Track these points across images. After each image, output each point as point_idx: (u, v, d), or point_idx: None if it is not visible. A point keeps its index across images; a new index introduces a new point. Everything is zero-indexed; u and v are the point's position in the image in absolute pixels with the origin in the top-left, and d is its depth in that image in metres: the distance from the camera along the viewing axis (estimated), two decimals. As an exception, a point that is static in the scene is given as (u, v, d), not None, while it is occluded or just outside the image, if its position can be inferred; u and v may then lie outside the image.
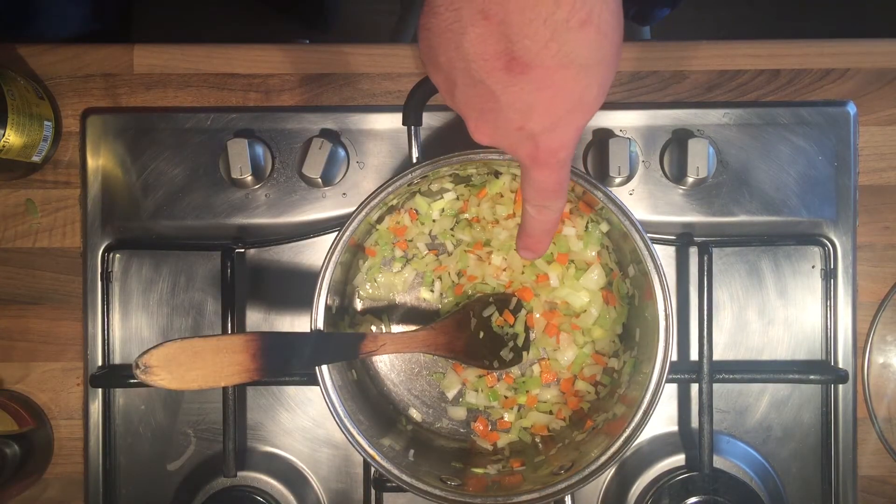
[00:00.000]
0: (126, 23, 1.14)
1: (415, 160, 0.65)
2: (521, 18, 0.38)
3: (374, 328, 0.73)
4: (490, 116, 0.44)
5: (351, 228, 0.62)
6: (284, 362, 0.58)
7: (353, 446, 0.62)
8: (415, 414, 0.74)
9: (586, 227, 0.69)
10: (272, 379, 0.73)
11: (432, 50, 0.43)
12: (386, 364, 0.75)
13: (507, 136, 0.45)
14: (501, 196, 0.71)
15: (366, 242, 0.72)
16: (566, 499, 0.62)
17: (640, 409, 0.60)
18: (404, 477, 0.61)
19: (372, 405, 0.70)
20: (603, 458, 0.60)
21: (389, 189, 0.62)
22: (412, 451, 0.67)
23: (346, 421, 0.62)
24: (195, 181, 0.74)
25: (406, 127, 0.65)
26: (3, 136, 0.67)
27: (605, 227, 0.68)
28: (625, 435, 0.61)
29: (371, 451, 0.61)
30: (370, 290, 0.73)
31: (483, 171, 0.69)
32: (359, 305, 0.74)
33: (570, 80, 0.41)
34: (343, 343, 0.63)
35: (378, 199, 0.62)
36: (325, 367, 0.62)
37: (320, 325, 0.62)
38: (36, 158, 0.73)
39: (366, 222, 0.64)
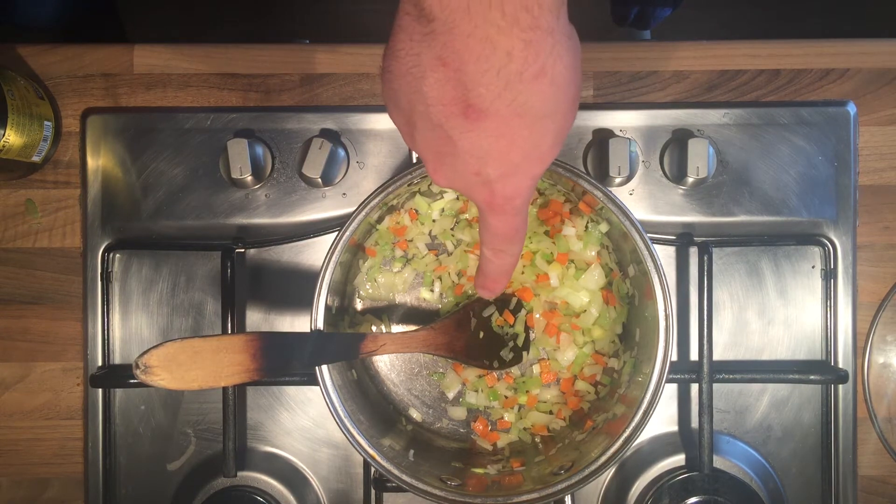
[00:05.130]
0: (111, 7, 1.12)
1: (415, 160, 0.65)
2: (476, 68, 0.39)
3: (374, 328, 0.73)
4: (448, 160, 0.44)
5: (351, 228, 0.62)
6: (284, 362, 0.58)
7: (353, 446, 0.62)
8: (415, 414, 0.74)
9: (586, 227, 0.69)
10: (272, 379, 0.73)
11: (393, 92, 0.44)
12: (386, 364, 0.75)
13: (465, 180, 0.45)
14: (501, 196, 0.71)
15: (366, 242, 0.72)
16: (566, 499, 0.62)
17: (640, 409, 0.61)
18: (404, 477, 0.61)
19: (372, 405, 0.70)
20: (603, 458, 0.60)
21: (389, 189, 0.62)
22: (412, 451, 0.67)
23: (346, 421, 0.62)
24: (195, 181, 0.74)
25: (406, 127, 0.65)
26: (3, 136, 0.67)
27: (605, 227, 0.68)
28: (625, 435, 0.61)
29: (371, 451, 0.61)
30: (370, 290, 0.73)
31: (483, 171, 0.69)
32: (359, 305, 0.74)
33: (524, 130, 0.41)
34: (343, 343, 0.63)
35: (378, 199, 0.62)
36: (325, 367, 0.62)
37: (320, 325, 0.62)
38: (36, 158, 0.73)
39: (366, 222, 0.64)
